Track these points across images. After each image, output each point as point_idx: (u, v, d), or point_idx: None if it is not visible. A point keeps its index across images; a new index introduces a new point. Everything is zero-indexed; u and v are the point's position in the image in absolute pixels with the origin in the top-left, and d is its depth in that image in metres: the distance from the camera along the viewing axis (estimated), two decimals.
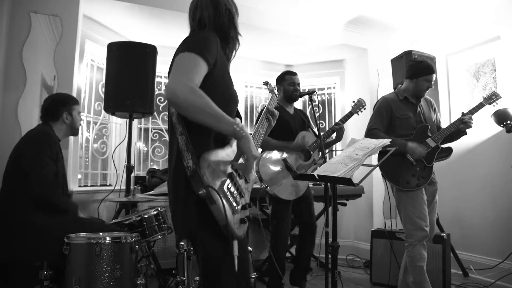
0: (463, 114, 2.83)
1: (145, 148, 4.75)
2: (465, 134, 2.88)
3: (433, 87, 2.90)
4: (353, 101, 3.37)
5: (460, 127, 2.80)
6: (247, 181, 1.45)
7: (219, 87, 1.41)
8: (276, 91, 2.43)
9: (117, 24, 4.14)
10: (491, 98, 2.89)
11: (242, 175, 1.42)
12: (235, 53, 1.63)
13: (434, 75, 2.86)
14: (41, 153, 2.29)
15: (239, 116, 1.60)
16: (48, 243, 2.15)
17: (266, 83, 2.65)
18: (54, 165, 2.34)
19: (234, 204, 1.32)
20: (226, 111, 1.31)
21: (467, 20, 4.15)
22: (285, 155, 3.12)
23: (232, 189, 1.34)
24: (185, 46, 1.36)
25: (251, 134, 1.46)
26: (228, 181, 1.33)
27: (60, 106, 2.53)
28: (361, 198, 4.14)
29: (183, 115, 1.32)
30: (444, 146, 2.83)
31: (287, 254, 3.97)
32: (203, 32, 1.47)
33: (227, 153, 1.38)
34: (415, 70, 2.87)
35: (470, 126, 2.79)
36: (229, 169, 1.36)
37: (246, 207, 1.38)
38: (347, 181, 1.72)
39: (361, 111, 3.34)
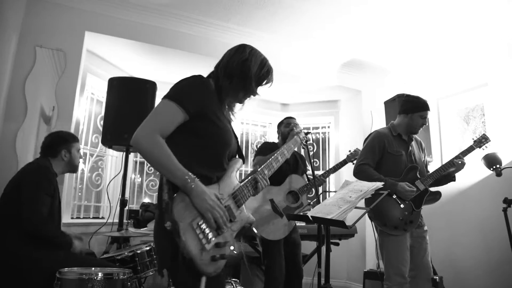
0: (457, 157, 2.81)
1: (140, 179, 4.75)
2: (454, 180, 2.86)
3: (427, 124, 2.88)
4: (350, 151, 3.43)
5: (450, 171, 2.79)
6: (232, 220, 1.46)
7: (202, 131, 1.47)
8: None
9: (119, 59, 4.26)
10: (481, 141, 2.88)
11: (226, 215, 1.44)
12: (243, 102, 1.67)
13: (429, 112, 2.85)
14: (39, 189, 2.32)
15: (241, 155, 1.66)
16: (38, 276, 2.13)
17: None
18: (50, 200, 2.36)
19: (204, 241, 1.34)
20: (215, 153, 1.45)
21: (457, 66, 4.33)
22: (271, 195, 3.10)
23: (203, 226, 1.36)
24: (168, 93, 1.46)
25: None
26: (199, 218, 1.35)
27: (59, 144, 2.60)
28: (354, 238, 4.13)
29: None
30: (433, 189, 2.79)
31: None
32: (189, 79, 1.52)
33: (210, 192, 1.40)
34: (411, 105, 2.85)
35: (460, 168, 2.77)
36: None
37: (221, 245, 1.39)
38: (340, 223, 1.75)
39: None
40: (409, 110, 2.84)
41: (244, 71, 1.58)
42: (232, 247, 1.45)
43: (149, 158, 1.37)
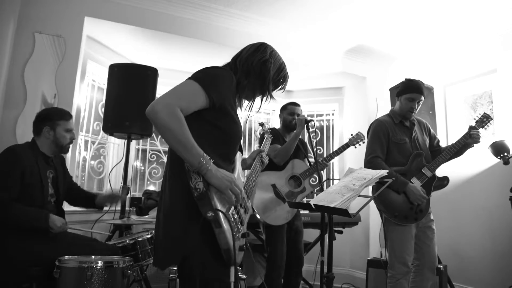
0: (471, 127, 2.72)
1: (142, 168, 4.73)
2: (472, 146, 2.73)
3: (416, 108, 2.74)
4: (351, 134, 3.38)
5: (468, 142, 2.68)
6: (246, 211, 1.48)
7: (220, 123, 1.42)
8: (270, 133, 2.50)
9: (120, 46, 4.19)
10: (483, 121, 2.75)
11: (242, 204, 1.45)
12: (260, 104, 1.67)
13: (421, 96, 2.70)
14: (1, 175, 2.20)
15: (240, 149, 1.64)
16: (37, 265, 2.11)
17: (261, 124, 2.67)
18: (19, 184, 2.21)
19: (236, 230, 1.34)
20: (227, 147, 1.40)
21: (464, 52, 4.23)
22: (273, 180, 3.09)
23: (236, 216, 1.37)
24: (194, 75, 1.39)
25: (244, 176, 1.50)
26: (232, 207, 1.36)
27: (42, 121, 2.44)
28: (358, 226, 4.11)
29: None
30: (440, 176, 2.74)
31: None
32: (220, 69, 1.47)
33: (223, 170, 1.39)
34: (401, 87, 2.77)
35: (478, 141, 2.68)
36: None
37: (245, 235, 1.40)
38: (344, 212, 1.71)
39: (359, 144, 3.34)
40: (398, 93, 2.79)
41: (263, 71, 1.56)
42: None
43: (164, 129, 1.25)
